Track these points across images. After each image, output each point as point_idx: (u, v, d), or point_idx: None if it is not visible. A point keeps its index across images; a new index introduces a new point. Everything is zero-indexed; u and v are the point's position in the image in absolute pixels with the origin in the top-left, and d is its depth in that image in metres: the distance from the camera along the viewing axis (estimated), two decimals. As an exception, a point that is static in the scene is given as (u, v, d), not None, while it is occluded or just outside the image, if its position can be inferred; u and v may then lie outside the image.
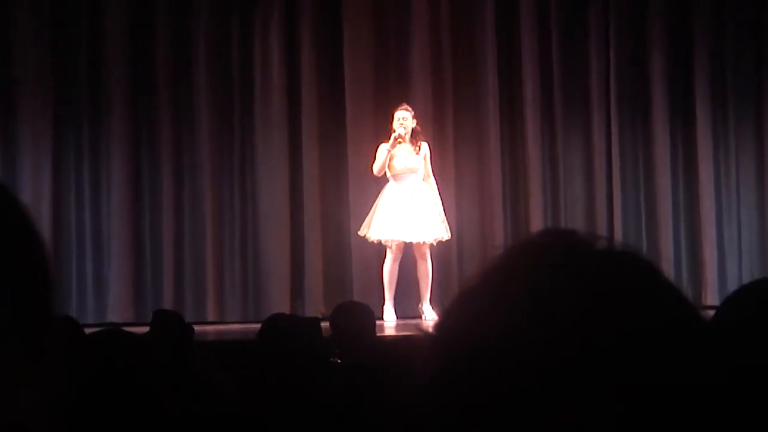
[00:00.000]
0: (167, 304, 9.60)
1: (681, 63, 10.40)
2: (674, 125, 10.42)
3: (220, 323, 9.88)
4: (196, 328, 5.80)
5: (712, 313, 1.54)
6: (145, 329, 4.89)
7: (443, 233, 9.19)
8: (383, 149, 9.10)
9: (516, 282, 0.87)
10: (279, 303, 9.79)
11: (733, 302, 1.50)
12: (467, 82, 10.35)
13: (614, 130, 10.35)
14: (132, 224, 10.12)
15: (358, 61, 10.25)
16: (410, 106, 9.30)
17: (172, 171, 10.18)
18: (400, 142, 9.09)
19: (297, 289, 10.16)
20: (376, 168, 9.14)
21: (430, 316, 9.05)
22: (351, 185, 10.11)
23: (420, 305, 9.25)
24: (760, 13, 10.42)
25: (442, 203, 9.29)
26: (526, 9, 10.35)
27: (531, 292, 0.86)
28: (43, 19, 10.08)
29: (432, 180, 9.23)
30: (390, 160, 9.11)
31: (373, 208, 9.20)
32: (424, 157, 9.16)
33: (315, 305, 9.85)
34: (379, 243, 9.19)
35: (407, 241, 9.08)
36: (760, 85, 10.44)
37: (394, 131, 9.08)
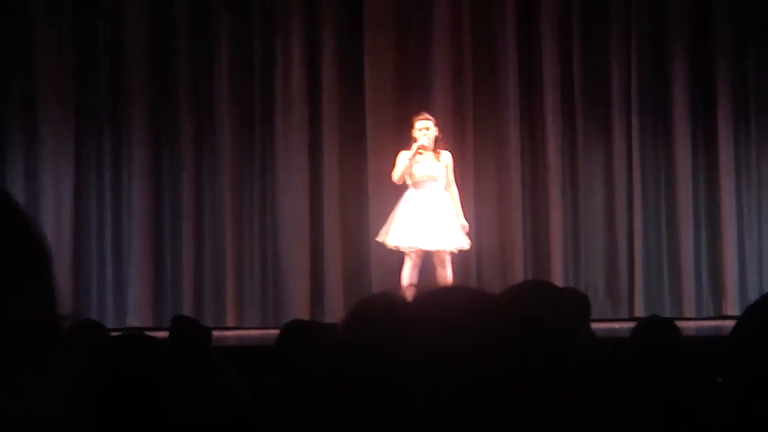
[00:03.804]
0: (187, 309, 9.62)
1: (703, 71, 10.36)
2: (695, 134, 10.38)
3: (239, 329, 9.90)
4: (216, 333, 5.81)
5: (732, 323, 1.54)
6: (165, 334, 4.90)
7: (463, 242, 9.15)
8: (404, 157, 9.06)
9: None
10: (298, 309, 9.80)
11: (754, 312, 1.49)
12: (488, 89, 10.34)
13: (635, 137, 10.32)
14: (152, 229, 10.16)
15: (378, 68, 10.25)
16: (430, 113, 9.27)
17: (193, 177, 10.21)
18: (421, 153, 9.06)
19: (316, 296, 10.16)
20: (395, 175, 9.10)
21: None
22: (370, 192, 10.11)
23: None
24: (782, 23, 10.38)
25: (464, 212, 9.26)
26: (547, 17, 10.34)
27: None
28: (64, 24, 10.14)
29: (454, 189, 9.18)
30: (410, 167, 9.08)
31: (391, 215, 9.18)
32: (446, 167, 9.12)
33: (336, 312, 9.83)
34: (398, 250, 9.16)
35: (425, 248, 9.05)
36: (782, 94, 10.40)
37: (416, 139, 9.04)
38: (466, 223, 9.17)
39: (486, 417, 0.85)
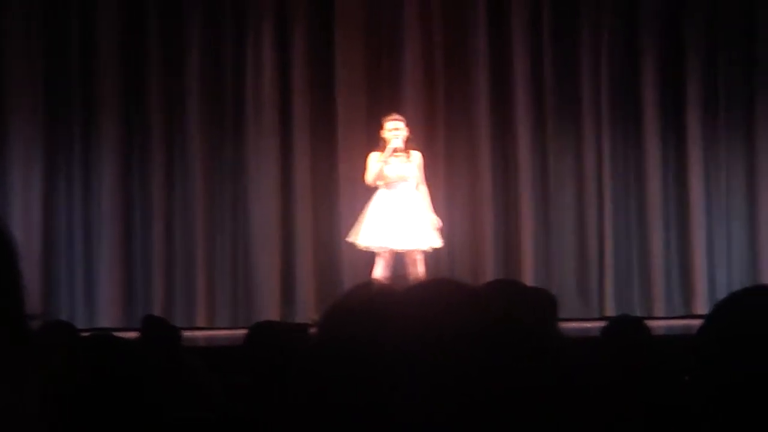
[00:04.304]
0: (157, 309, 9.58)
1: (672, 74, 10.41)
2: (665, 136, 10.43)
3: (209, 329, 9.87)
4: (186, 333, 5.79)
5: (701, 321, 1.55)
6: (135, 334, 4.89)
7: (434, 241, 9.15)
8: (375, 159, 9.06)
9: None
10: (269, 309, 9.79)
11: (721, 311, 1.51)
12: (459, 88, 10.35)
13: (605, 140, 10.37)
14: (122, 229, 10.11)
15: (349, 69, 10.24)
16: (401, 113, 9.28)
17: (163, 176, 10.17)
18: (398, 156, 9.06)
19: (287, 296, 10.15)
20: (369, 178, 9.09)
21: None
22: (342, 193, 10.10)
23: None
24: (751, 25, 10.44)
25: (435, 212, 9.26)
26: (518, 20, 10.36)
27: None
28: (35, 24, 10.08)
29: (424, 188, 9.20)
30: (382, 168, 9.07)
31: (362, 215, 9.18)
32: (417, 167, 9.13)
33: (308, 312, 9.82)
34: (369, 250, 9.15)
35: (396, 248, 9.05)
36: (750, 96, 10.45)
37: (386, 140, 9.03)
38: (437, 218, 9.16)
39: (464, 416, 0.85)
